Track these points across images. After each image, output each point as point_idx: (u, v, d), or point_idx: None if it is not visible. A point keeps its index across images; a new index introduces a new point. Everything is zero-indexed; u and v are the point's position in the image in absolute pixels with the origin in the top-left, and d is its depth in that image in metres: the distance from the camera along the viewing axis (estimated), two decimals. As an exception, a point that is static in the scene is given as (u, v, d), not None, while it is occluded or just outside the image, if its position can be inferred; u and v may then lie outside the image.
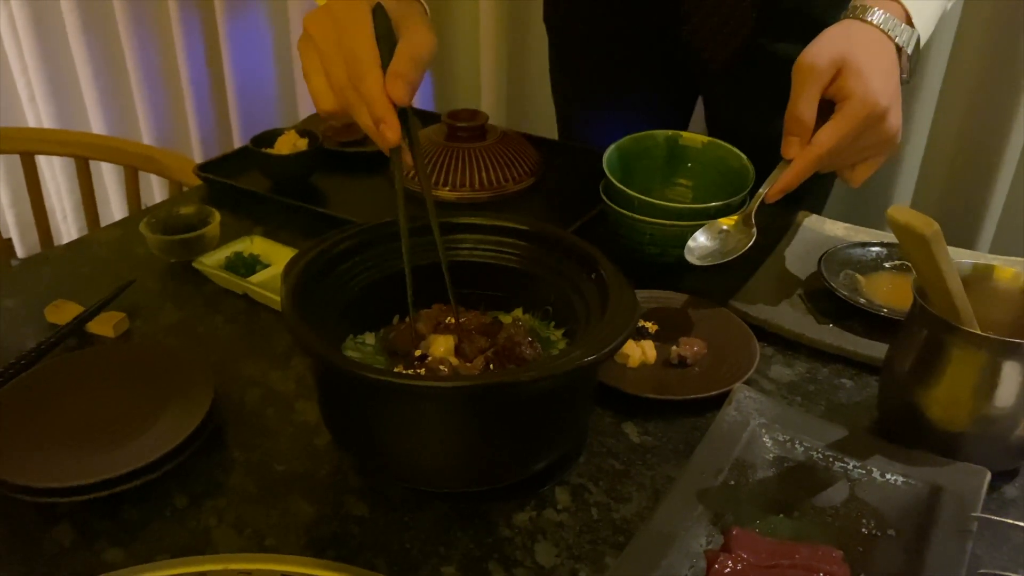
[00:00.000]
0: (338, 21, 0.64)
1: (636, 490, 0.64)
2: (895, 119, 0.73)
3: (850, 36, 0.74)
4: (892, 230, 0.57)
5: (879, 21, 0.75)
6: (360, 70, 0.63)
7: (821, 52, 0.72)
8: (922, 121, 1.41)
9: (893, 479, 0.62)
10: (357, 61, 0.63)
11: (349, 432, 0.63)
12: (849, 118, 0.71)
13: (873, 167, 0.77)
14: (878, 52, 0.74)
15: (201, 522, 0.61)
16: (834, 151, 0.72)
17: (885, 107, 0.71)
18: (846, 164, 0.77)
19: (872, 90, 0.70)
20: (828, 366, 0.77)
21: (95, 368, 0.72)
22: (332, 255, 0.68)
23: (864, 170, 0.77)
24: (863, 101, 0.70)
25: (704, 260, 0.77)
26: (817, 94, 0.72)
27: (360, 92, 0.63)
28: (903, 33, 0.75)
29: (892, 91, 0.72)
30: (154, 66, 2.05)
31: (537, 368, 0.57)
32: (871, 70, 0.71)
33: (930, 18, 0.79)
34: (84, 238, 1.00)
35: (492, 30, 1.59)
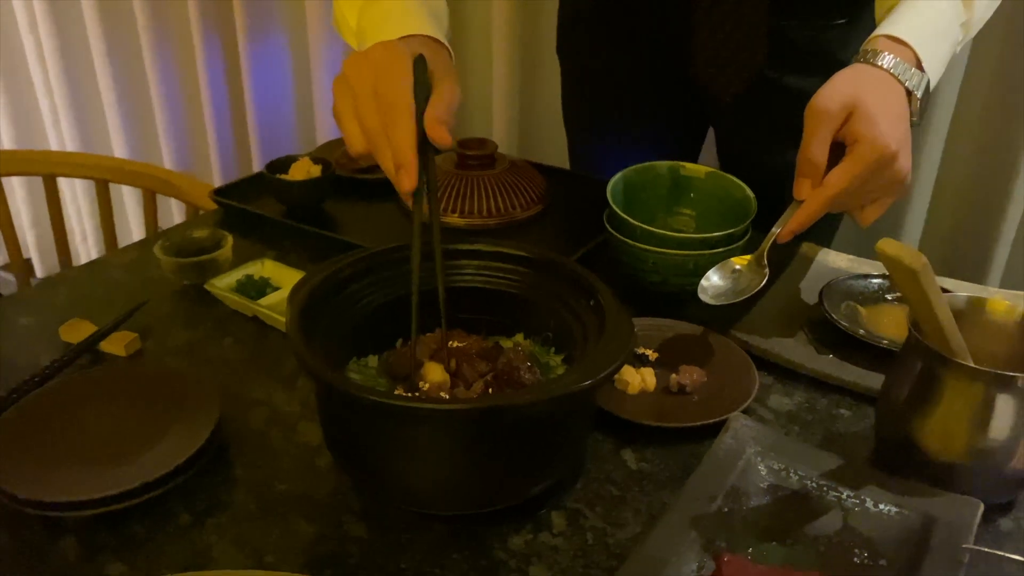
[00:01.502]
0: (377, 67, 0.67)
1: (632, 515, 0.65)
2: (905, 162, 0.74)
3: (860, 80, 0.75)
4: (882, 263, 0.58)
5: (889, 65, 0.76)
6: (393, 116, 0.65)
7: (833, 96, 0.74)
8: (931, 156, 1.42)
9: (886, 509, 0.62)
10: (391, 108, 0.65)
11: (349, 453, 0.64)
12: (859, 161, 0.72)
13: (883, 208, 0.79)
14: (888, 96, 0.75)
15: (203, 538, 0.62)
16: (844, 193, 0.73)
17: (895, 151, 0.72)
18: (856, 205, 0.78)
19: (882, 134, 0.72)
20: (827, 396, 0.78)
21: (105, 386, 0.73)
22: (338, 279, 0.70)
23: (874, 211, 0.79)
24: (873, 145, 0.72)
25: (718, 300, 0.78)
26: (829, 137, 0.74)
27: (389, 137, 0.65)
28: (913, 77, 0.76)
29: (902, 135, 0.73)
30: (176, 92, 2.09)
31: (533, 392, 0.58)
32: (881, 114, 0.72)
33: (940, 62, 0.79)
34: (100, 259, 1.02)
35: (505, 60, 1.62)
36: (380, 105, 0.66)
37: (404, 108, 0.65)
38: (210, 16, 1.93)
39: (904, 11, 0.80)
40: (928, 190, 1.45)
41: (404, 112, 0.65)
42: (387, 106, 0.65)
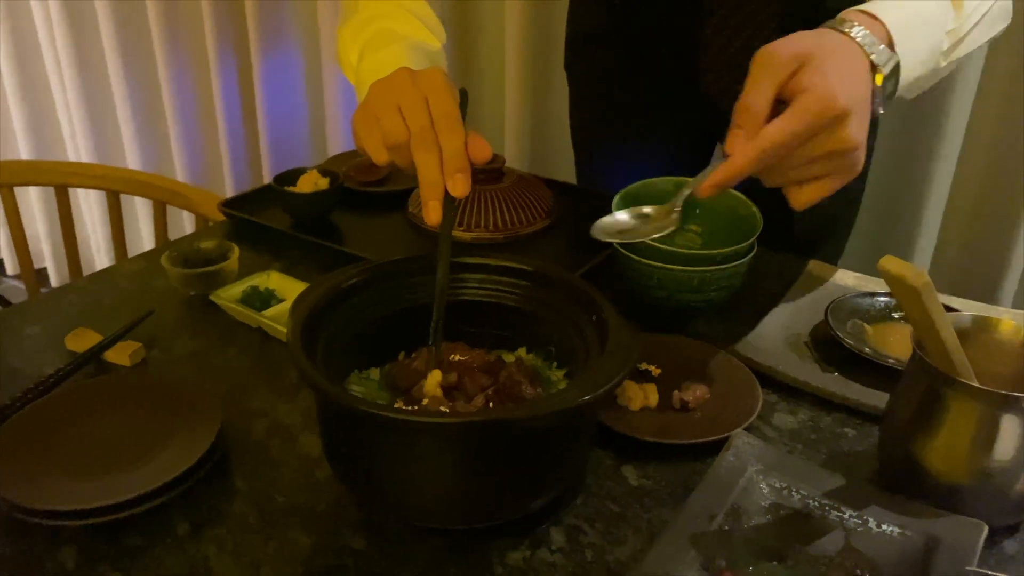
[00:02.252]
0: (431, 81, 0.67)
1: (632, 533, 0.64)
2: (856, 129, 0.64)
3: (821, 38, 0.67)
4: (885, 281, 0.57)
5: (857, 35, 0.68)
6: (447, 123, 0.65)
7: (785, 44, 0.66)
8: (943, 174, 1.42)
9: (889, 530, 0.62)
10: (446, 116, 0.65)
11: (349, 465, 0.64)
12: (801, 113, 0.62)
13: (823, 190, 0.67)
14: (847, 58, 0.67)
15: (201, 550, 0.62)
16: (781, 149, 0.63)
17: (844, 107, 0.62)
18: (793, 178, 0.67)
19: (831, 86, 0.62)
20: (831, 414, 0.77)
21: (108, 396, 0.74)
22: (341, 290, 0.70)
23: (813, 191, 0.67)
24: (820, 96, 0.62)
25: (610, 236, 0.72)
26: (772, 86, 0.64)
27: (443, 141, 0.65)
28: (881, 53, 0.68)
29: (857, 96, 0.64)
30: (190, 105, 2.11)
31: (533, 406, 0.58)
32: (835, 70, 0.64)
33: (915, 55, 0.71)
34: (108, 269, 1.03)
35: (516, 75, 1.62)
36: (433, 111, 0.65)
37: (459, 119, 0.66)
38: (224, 30, 1.95)
39: None
40: (940, 209, 1.44)
41: (459, 122, 0.66)
42: (441, 115, 0.65)
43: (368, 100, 0.70)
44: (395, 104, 0.67)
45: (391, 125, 0.66)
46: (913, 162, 1.44)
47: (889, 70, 0.68)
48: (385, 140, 0.67)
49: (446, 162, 0.65)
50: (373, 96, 0.69)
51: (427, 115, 0.65)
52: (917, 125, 1.41)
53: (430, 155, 0.65)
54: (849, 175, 0.66)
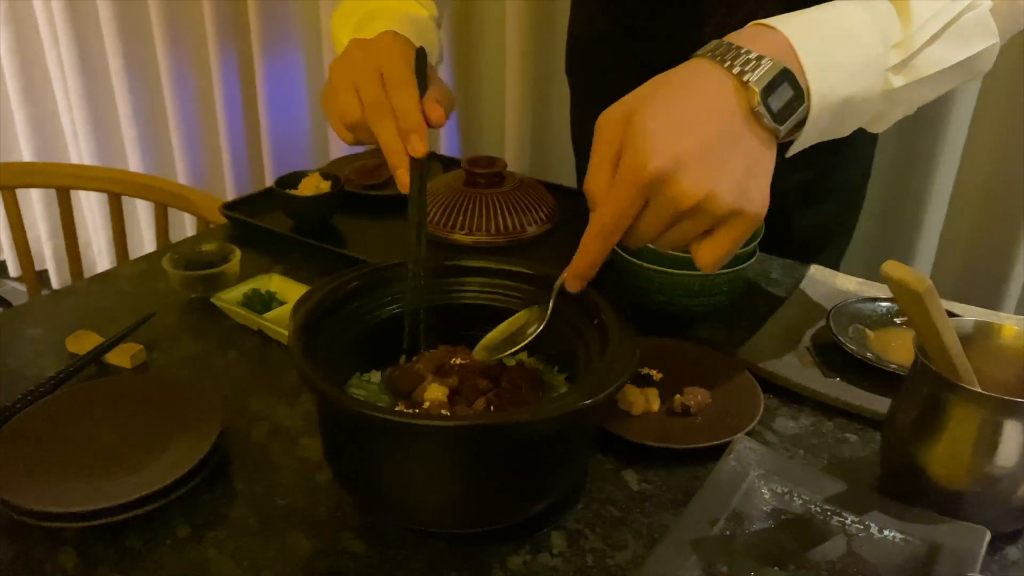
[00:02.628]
0: (381, 49, 0.67)
1: (632, 537, 0.64)
2: (690, 184, 0.55)
3: (662, 79, 0.60)
4: (887, 286, 0.57)
5: (718, 53, 0.59)
6: (397, 83, 0.65)
7: (616, 106, 0.60)
8: (945, 179, 1.42)
9: (891, 536, 0.61)
10: (395, 78, 0.65)
11: (349, 469, 0.64)
12: (617, 187, 0.57)
13: (722, 244, 0.59)
14: (691, 93, 0.58)
15: (201, 552, 0.62)
16: (614, 231, 0.59)
17: (658, 170, 0.55)
18: (668, 244, 0.60)
19: (642, 150, 0.56)
20: (833, 420, 0.77)
21: (109, 398, 0.73)
22: (342, 293, 0.70)
23: (708, 250, 0.60)
24: (630, 165, 0.56)
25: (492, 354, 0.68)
26: (605, 157, 0.59)
27: (394, 104, 0.65)
28: (753, 65, 0.58)
29: (685, 148, 0.56)
30: (192, 108, 2.11)
31: (534, 410, 0.58)
32: (662, 121, 0.56)
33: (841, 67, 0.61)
34: (109, 271, 1.03)
35: (518, 79, 1.62)
36: (384, 77, 0.65)
37: (409, 79, 0.65)
38: (227, 33, 1.95)
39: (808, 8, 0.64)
40: (942, 214, 1.44)
41: (409, 84, 0.65)
42: (390, 78, 0.65)
43: (329, 80, 0.70)
44: (350, 81, 0.67)
45: (346, 103, 0.66)
46: (915, 166, 1.44)
47: (770, 79, 0.58)
48: (342, 120, 0.67)
49: (399, 121, 0.64)
50: (332, 76, 0.69)
51: (379, 86, 0.65)
52: (919, 128, 1.41)
53: (386, 122, 0.65)
54: (742, 222, 0.58)
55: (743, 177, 0.58)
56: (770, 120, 0.58)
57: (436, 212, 1.09)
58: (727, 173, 0.57)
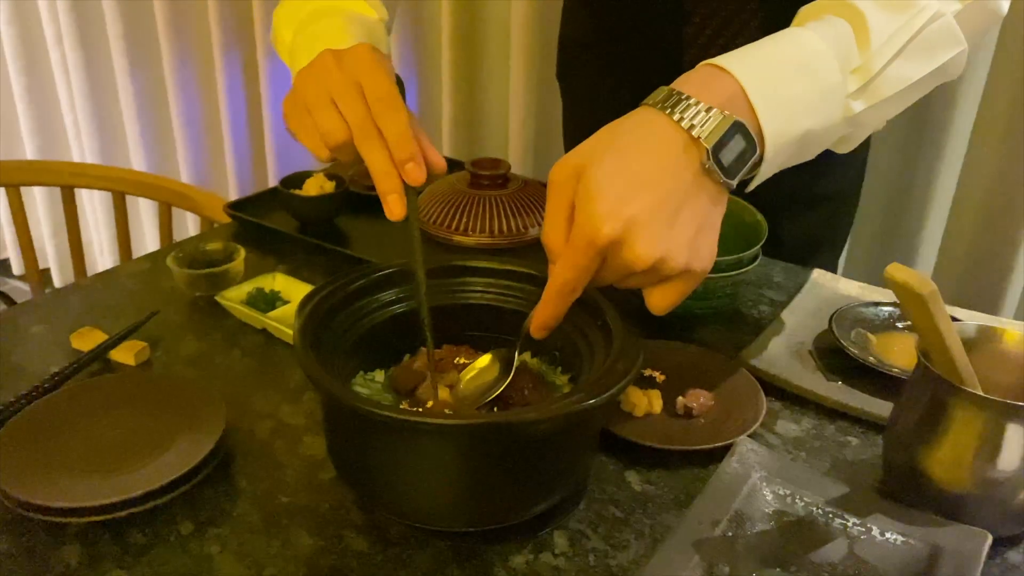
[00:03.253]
0: (361, 61, 0.63)
1: (634, 538, 0.64)
2: (643, 247, 0.56)
3: (612, 133, 0.60)
4: (891, 288, 0.58)
5: (668, 105, 0.59)
6: (386, 103, 0.61)
7: (567, 160, 0.59)
8: (947, 183, 1.42)
9: (893, 538, 0.62)
10: (384, 100, 0.61)
11: (353, 467, 0.64)
12: (571, 250, 0.58)
13: (675, 293, 0.61)
14: (638, 152, 0.58)
15: (204, 549, 0.62)
16: (574, 285, 0.59)
17: (610, 235, 0.55)
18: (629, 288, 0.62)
19: (594, 214, 0.56)
20: (835, 423, 0.77)
21: (113, 395, 0.74)
22: (347, 292, 0.70)
23: (660, 296, 0.61)
24: (582, 227, 0.57)
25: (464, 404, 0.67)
26: (559, 212, 0.59)
27: (385, 129, 0.61)
28: (706, 120, 0.57)
29: (637, 210, 0.56)
30: (196, 107, 2.12)
31: (538, 410, 0.58)
32: (608, 183, 0.56)
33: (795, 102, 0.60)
34: (113, 269, 1.03)
35: (522, 81, 1.63)
36: (369, 95, 0.61)
37: (398, 102, 0.61)
38: (231, 33, 1.96)
39: (761, 40, 0.63)
40: (943, 219, 1.44)
41: (399, 105, 0.61)
42: (378, 97, 0.61)
43: (297, 91, 0.65)
44: (326, 95, 0.62)
45: (328, 124, 0.62)
46: (916, 171, 1.44)
47: (721, 134, 0.58)
48: (326, 141, 0.63)
49: (393, 151, 0.61)
50: (301, 87, 0.64)
51: (363, 104, 0.61)
52: (921, 134, 1.41)
53: (376, 147, 0.61)
54: (693, 276, 0.60)
55: (693, 236, 0.59)
56: (721, 175, 0.59)
57: (439, 213, 1.09)
58: (678, 234, 0.58)
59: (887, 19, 0.63)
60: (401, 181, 0.62)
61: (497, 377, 0.68)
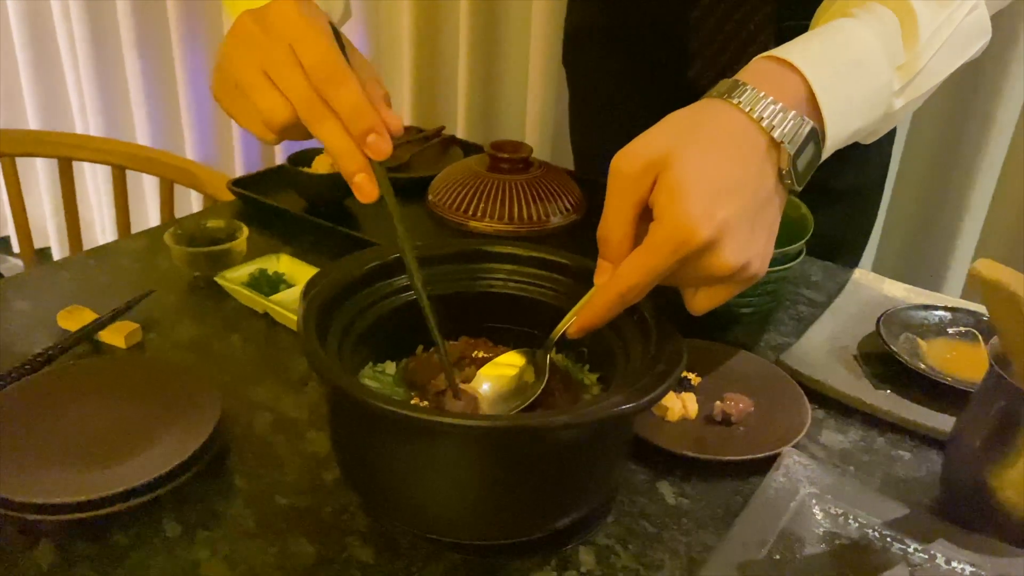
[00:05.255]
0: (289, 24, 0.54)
1: (669, 557, 0.58)
2: (731, 254, 0.52)
3: (687, 126, 0.55)
4: (978, 286, 0.51)
5: (746, 102, 0.54)
6: (332, 78, 0.53)
7: (637, 152, 0.54)
8: (986, 180, 1.35)
9: (960, 568, 0.55)
10: (327, 68, 0.53)
11: (359, 468, 0.57)
12: (654, 250, 0.53)
13: (720, 297, 0.58)
14: (725, 150, 0.54)
15: (192, 553, 0.56)
16: (642, 288, 0.54)
17: (705, 239, 0.51)
18: (679, 287, 0.59)
19: (686, 215, 0.51)
20: (885, 435, 0.71)
21: (100, 379, 0.68)
22: (357, 276, 0.64)
23: (706, 299, 0.58)
24: (673, 229, 0.51)
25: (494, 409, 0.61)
26: (628, 208, 0.54)
27: (334, 100, 0.53)
28: (786, 121, 0.54)
29: (728, 214, 0.52)
30: (203, 83, 2.06)
31: (570, 413, 0.51)
32: (698, 181, 0.52)
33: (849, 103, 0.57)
34: (108, 245, 0.97)
35: (541, 67, 1.57)
36: (309, 64, 0.53)
37: (341, 65, 0.53)
38: (242, 8, 1.89)
39: (815, 32, 0.59)
40: (985, 203, 1.37)
41: (343, 69, 0.53)
42: (319, 64, 0.53)
43: (224, 65, 0.56)
44: (257, 69, 0.54)
45: (267, 104, 0.54)
46: (954, 169, 1.38)
47: (801, 141, 0.55)
48: (269, 124, 0.55)
49: (348, 124, 0.53)
50: (228, 59, 0.56)
51: (301, 74, 0.53)
52: (959, 127, 1.35)
53: (328, 123, 0.53)
54: (742, 285, 0.57)
55: (766, 243, 0.56)
56: (793, 182, 0.56)
57: (455, 197, 1.03)
58: (758, 241, 0.55)
59: (933, 12, 0.60)
60: (365, 158, 0.55)
61: (524, 379, 0.62)
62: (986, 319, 0.81)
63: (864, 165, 1.07)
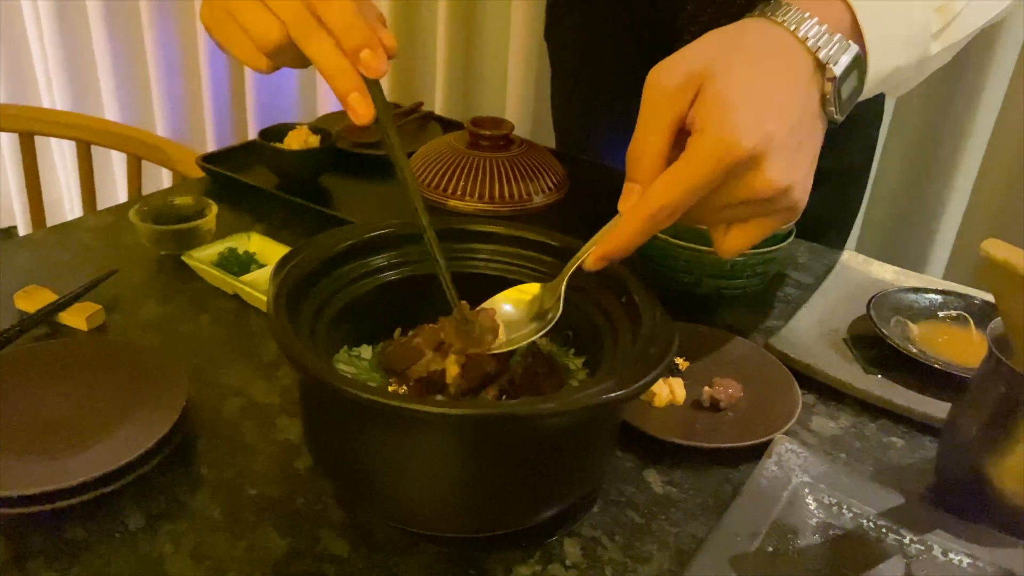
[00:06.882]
0: None
1: (657, 549, 0.55)
2: (779, 171, 0.49)
3: (731, 41, 0.52)
4: (985, 266, 0.49)
5: (791, 21, 0.51)
6: None
7: (679, 64, 0.51)
8: (972, 154, 1.34)
9: (957, 559, 0.53)
10: None
11: (333, 457, 0.54)
12: (695, 163, 0.49)
13: (754, 234, 0.54)
14: (771, 66, 0.51)
15: (155, 548, 0.53)
16: (675, 209, 0.50)
17: (750, 151, 0.48)
18: (711, 221, 0.55)
19: (731, 124, 0.48)
20: (876, 421, 0.69)
21: (58, 363, 0.64)
22: (331, 255, 0.60)
23: (740, 236, 0.54)
24: (715, 141, 0.48)
25: None
26: (665, 125, 0.51)
27: (326, 15, 0.51)
28: (831, 42, 0.51)
29: (779, 127, 0.49)
30: (174, 58, 2.00)
31: (556, 401, 0.49)
32: (744, 94, 0.49)
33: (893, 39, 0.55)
34: (70, 223, 0.93)
35: (522, 41, 1.53)
36: None
37: None
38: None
39: None
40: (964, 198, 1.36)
41: None
42: None
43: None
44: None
45: (257, 25, 0.52)
46: (937, 149, 1.36)
47: (846, 66, 0.52)
48: (259, 46, 0.53)
49: (341, 40, 0.51)
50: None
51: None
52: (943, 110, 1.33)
53: (321, 41, 0.51)
54: (787, 217, 0.54)
55: (809, 171, 0.53)
56: (836, 109, 0.53)
57: (434, 175, 1.00)
58: (802, 166, 0.52)
59: None
60: (359, 76, 0.52)
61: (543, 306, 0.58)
62: (977, 302, 0.79)
63: (851, 146, 1.05)
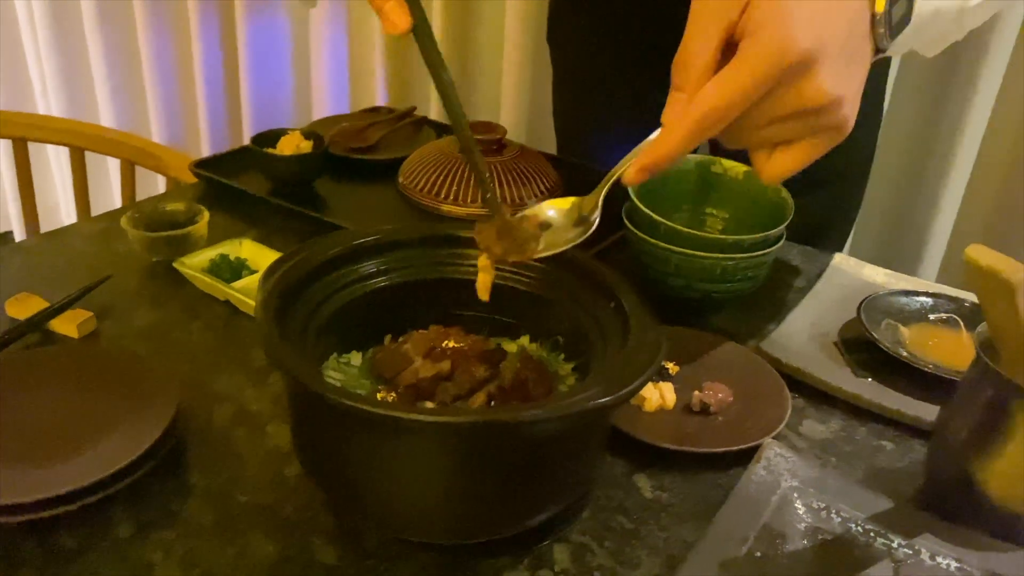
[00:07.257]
0: None
1: (647, 554, 0.56)
2: (832, 78, 0.48)
3: None
4: (970, 272, 0.49)
5: None
6: None
7: None
8: (965, 158, 1.34)
9: (945, 563, 0.54)
10: None
11: (323, 464, 0.55)
12: (746, 65, 0.47)
13: (799, 159, 0.52)
14: None
15: (145, 555, 0.53)
16: (724, 115, 0.48)
17: (805, 52, 0.47)
18: (756, 141, 0.52)
19: (788, 24, 0.47)
20: (866, 425, 0.69)
21: (48, 370, 0.64)
22: (321, 261, 0.61)
23: (785, 160, 0.52)
24: (770, 40, 0.47)
25: None
26: (716, 30, 0.49)
27: None
28: None
29: (833, 32, 0.48)
30: (169, 64, 2.00)
31: (544, 407, 0.49)
32: (795, 6, 0.48)
33: None
34: (64, 228, 0.93)
35: (517, 46, 1.53)
36: None
37: None
38: (207, -16, 1.84)
39: None
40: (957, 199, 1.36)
41: None
42: None
43: None
44: None
45: None
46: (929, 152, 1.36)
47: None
48: None
49: None
50: None
51: None
52: (937, 111, 1.33)
53: None
54: (834, 137, 0.51)
55: (859, 88, 0.51)
56: (886, 36, 0.52)
57: (426, 180, 1.00)
58: (853, 80, 0.50)
59: None
60: None
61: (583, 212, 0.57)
62: (967, 305, 0.79)
63: (850, 150, 1.04)
